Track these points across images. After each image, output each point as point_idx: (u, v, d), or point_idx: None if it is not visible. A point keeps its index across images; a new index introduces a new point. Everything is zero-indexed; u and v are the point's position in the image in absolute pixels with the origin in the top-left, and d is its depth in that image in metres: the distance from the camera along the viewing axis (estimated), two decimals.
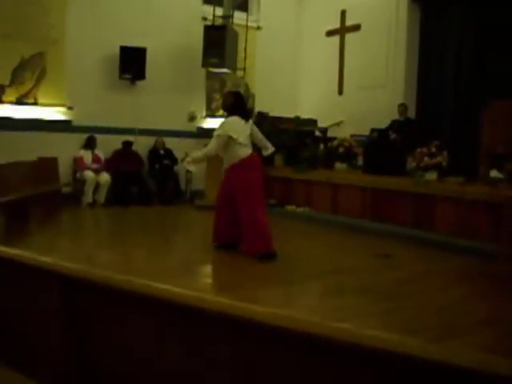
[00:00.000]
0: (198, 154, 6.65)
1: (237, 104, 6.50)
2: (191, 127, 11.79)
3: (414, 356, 1.50)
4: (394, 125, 10.18)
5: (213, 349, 2.03)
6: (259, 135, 6.81)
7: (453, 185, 7.95)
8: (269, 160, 8.69)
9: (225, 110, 6.65)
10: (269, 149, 6.99)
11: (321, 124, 11.85)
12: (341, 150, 10.07)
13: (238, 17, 11.85)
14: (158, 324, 2.21)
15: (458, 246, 7.22)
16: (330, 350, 1.70)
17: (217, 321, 1.95)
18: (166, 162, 11.03)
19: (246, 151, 6.32)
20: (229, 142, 6.23)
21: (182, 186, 11.36)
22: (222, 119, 6.63)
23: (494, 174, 7.74)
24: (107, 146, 10.61)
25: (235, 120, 6.34)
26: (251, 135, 6.56)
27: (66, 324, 2.50)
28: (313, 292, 5.43)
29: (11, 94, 9.70)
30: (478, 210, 7.51)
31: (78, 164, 10.25)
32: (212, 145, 6.35)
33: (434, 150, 8.44)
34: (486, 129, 8.55)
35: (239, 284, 5.44)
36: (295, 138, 10.55)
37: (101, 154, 10.50)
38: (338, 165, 10.11)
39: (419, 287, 5.40)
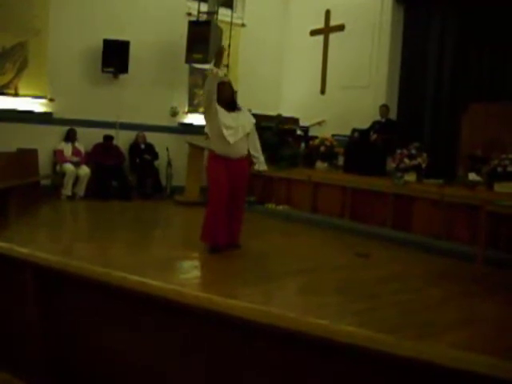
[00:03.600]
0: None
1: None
2: (173, 122, 11.76)
3: (389, 352, 1.52)
4: (375, 125, 10.24)
5: (189, 343, 2.03)
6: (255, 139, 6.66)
7: (432, 186, 8.00)
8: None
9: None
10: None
11: (303, 123, 11.88)
12: (322, 149, 10.08)
13: (223, 13, 11.85)
14: (135, 318, 2.21)
15: (435, 248, 7.29)
16: (307, 346, 1.71)
17: (195, 315, 1.95)
18: (147, 156, 10.99)
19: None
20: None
21: (163, 181, 11.33)
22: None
23: (472, 176, 7.81)
24: (88, 139, 10.54)
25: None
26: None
27: (42, 317, 2.49)
28: (291, 290, 5.45)
29: None
30: (456, 212, 7.59)
31: (57, 156, 10.17)
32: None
33: (413, 151, 8.48)
34: (465, 131, 8.64)
35: (217, 280, 5.45)
36: (277, 136, 10.55)
37: (81, 147, 10.43)
38: (319, 164, 10.13)
39: (397, 287, 5.44)
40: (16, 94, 9.82)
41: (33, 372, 2.56)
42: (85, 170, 10.20)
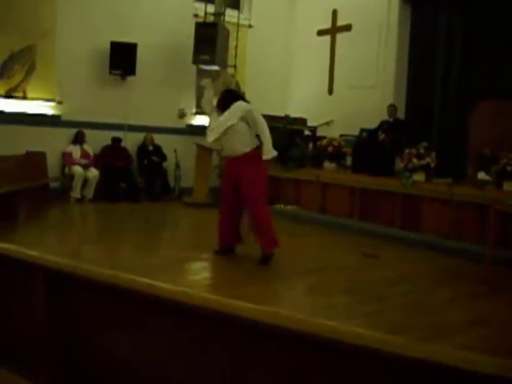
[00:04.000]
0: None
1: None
2: (181, 124, 11.78)
3: (397, 354, 1.51)
4: (383, 125, 10.21)
5: (197, 344, 2.03)
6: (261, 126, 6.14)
7: (440, 186, 7.98)
8: None
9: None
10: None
11: (310, 123, 11.86)
12: (330, 149, 10.08)
13: (230, 14, 11.84)
14: (143, 320, 2.21)
15: (445, 247, 7.27)
16: (315, 348, 1.71)
17: (203, 317, 1.96)
18: (155, 158, 11.01)
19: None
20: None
21: (171, 182, 11.34)
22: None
23: (481, 176, 7.79)
24: (96, 141, 10.56)
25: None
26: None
27: (51, 319, 2.50)
28: (299, 290, 5.45)
29: (0, 88, 9.64)
30: (465, 212, 7.56)
31: (66, 159, 10.20)
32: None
33: (422, 151, 8.47)
34: (473, 130, 8.61)
35: (226, 281, 5.46)
36: (285, 137, 10.54)
37: (89, 149, 10.45)
38: (327, 164, 10.12)
39: (406, 287, 5.43)
40: (24, 97, 9.85)
41: (41, 373, 2.57)
42: (93, 173, 10.22)
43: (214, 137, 6.20)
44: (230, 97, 6.28)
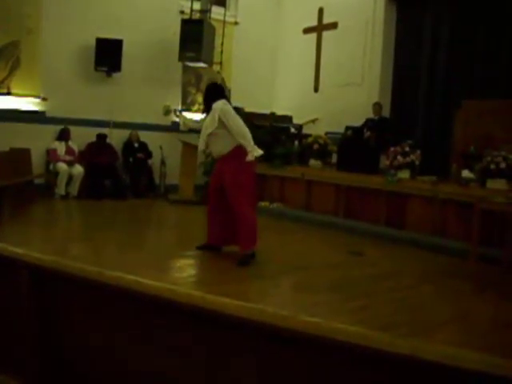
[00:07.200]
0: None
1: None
2: (166, 121, 11.74)
3: (382, 350, 1.52)
4: (369, 123, 10.25)
5: (181, 340, 2.03)
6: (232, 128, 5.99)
7: (425, 184, 8.03)
8: None
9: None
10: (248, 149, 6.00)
11: (296, 121, 11.88)
12: (315, 147, 10.10)
13: (216, 11, 11.86)
14: (128, 316, 2.21)
15: (429, 245, 7.31)
16: (301, 344, 1.72)
17: (187, 313, 1.96)
18: (141, 155, 10.97)
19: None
20: None
21: (156, 179, 11.31)
22: (198, 114, 6.55)
23: (465, 173, 7.85)
24: (81, 138, 10.51)
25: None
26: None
27: (37, 315, 2.49)
28: (285, 288, 5.45)
29: None
30: (450, 209, 7.62)
31: (51, 156, 10.14)
32: None
33: (407, 148, 8.52)
34: (458, 129, 8.66)
35: (212, 278, 5.46)
36: (270, 134, 10.55)
37: (74, 146, 10.40)
38: (313, 162, 10.14)
39: (391, 284, 5.45)
40: (9, 93, 9.78)
41: (27, 370, 2.56)
42: (78, 169, 10.16)
43: (202, 146, 6.22)
44: (211, 95, 6.20)
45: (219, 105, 6.04)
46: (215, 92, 6.28)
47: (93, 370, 2.42)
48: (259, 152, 6.10)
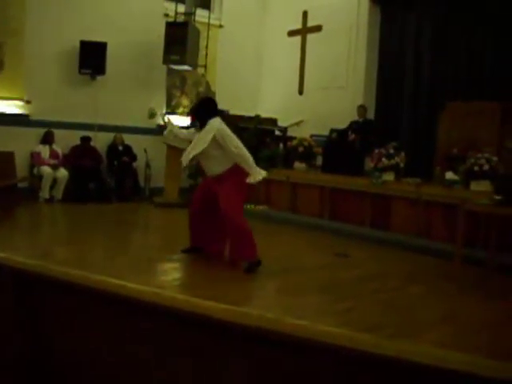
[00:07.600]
0: None
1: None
2: (151, 124, 11.69)
3: (368, 352, 1.52)
4: (353, 126, 10.27)
5: (168, 343, 2.02)
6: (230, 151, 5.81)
7: (409, 186, 8.07)
8: None
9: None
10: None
11: (281, 123, 11.89)
12: (300, 149, 10.12)
13: (200, 14, 11.87)
14: (114, 320, 2.20)
15: (414, 246, 7.35)
16: (286, 346, 1.71)
17: (173, 316, 1.95)
18: (125, 158, 10.93)
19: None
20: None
21: (141, 182, 11.27)
22: (182, 117, 6.47)
23: (449, 175, 7.90)
24: (65, 141, 10.45)
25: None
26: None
27: (21, 319, 2.47)
28: (271, 290, 5.45)
29: None
30: (434, 211, 7.67)
31: (35, 159, 10.07)
32: None
33: (391, 150, 8.56)
34: (442, 131, 8.72)
35: (197, 282, 5.44)
36: (255, 137, 10.55)
37: (59, 149, 10.33)
38: (297, 164, 10.16)
39: (377, 286, 5.47)
40: None
41: (10, 373, 2.54)
42: (62, 173, 10.10)
43: (186, 162, 6.04)
44: (207, 111, 6.04)
45: (215, 124, 5.86)
46: (210, 108, 6.14)
47: (78, 372, 2.40)
48: (262, 174, 5.87)
